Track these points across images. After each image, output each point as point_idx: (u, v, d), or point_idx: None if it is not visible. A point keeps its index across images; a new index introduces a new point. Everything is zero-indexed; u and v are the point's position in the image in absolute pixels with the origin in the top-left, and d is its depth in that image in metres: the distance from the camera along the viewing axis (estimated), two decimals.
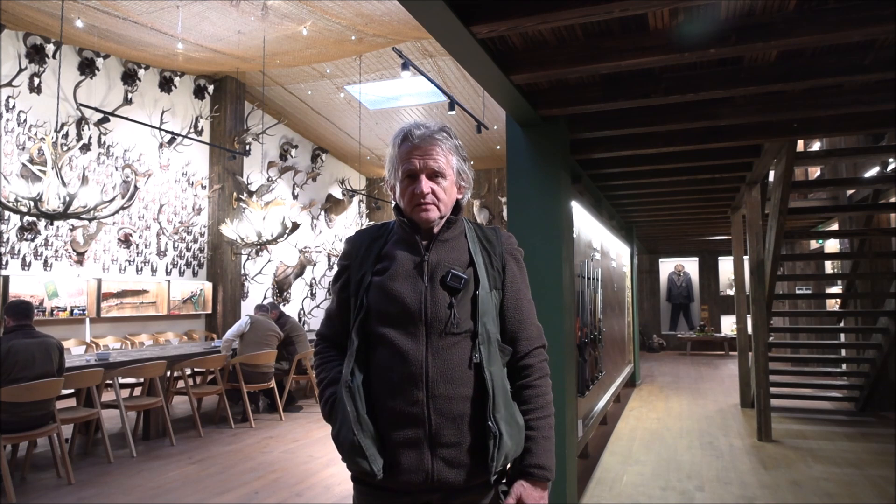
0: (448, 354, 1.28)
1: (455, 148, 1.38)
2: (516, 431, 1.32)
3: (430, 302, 1.30)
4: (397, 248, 1.36)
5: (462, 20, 2.22)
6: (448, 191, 1.36)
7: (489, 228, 1.45)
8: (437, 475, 1.26)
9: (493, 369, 1.31)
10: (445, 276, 1.31)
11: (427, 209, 1.33)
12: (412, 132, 1.35)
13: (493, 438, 1.26)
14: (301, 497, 3.76)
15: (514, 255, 1.44)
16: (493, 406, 1.28)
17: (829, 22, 2.31)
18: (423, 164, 1.33)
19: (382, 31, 7.16)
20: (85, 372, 4.39)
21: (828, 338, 7.90)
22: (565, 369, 3.23)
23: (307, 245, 11.54)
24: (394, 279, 1.32)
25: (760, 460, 4.57)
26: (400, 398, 1.27)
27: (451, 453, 1.27)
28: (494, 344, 1.34)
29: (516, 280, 1.43)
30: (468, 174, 1.42)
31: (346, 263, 1.42)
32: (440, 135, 1.35)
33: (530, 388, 1.38)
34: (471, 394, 1.29)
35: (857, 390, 6.48)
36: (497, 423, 1.27)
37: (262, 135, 10.06)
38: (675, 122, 3.43)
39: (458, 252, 1.37)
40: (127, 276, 8.08)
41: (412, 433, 1.26)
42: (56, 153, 5.24)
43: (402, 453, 1.27)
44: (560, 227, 3.30)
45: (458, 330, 1.29)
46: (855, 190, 7.01)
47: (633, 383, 8.30)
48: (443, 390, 1.27)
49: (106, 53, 7.70)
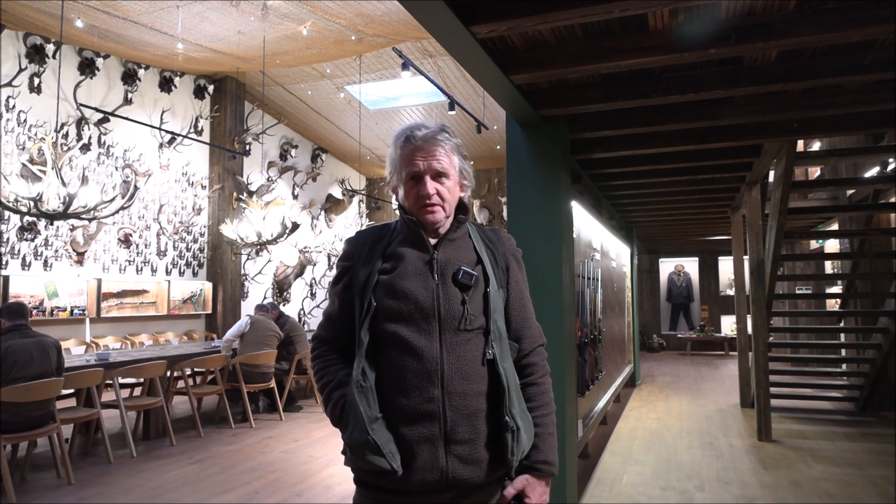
0: (462, 351, 1.29)
1: (456, 147, 1.39)
2: (529, 427, 1.33)
3: (443, 298, 1.30)
4: (404, 247, 1.36)
5: (462, 20, 2.22)
6: (452, 190, 1.38)
7: (490, 229, 1.47)
8: (452, 473, 1.25)
9: (507, 365, 1.33)
10: (457, 274, 1.32)
11: (433, 210, 1.34)
12: (414, 133, 1.35)
13: (511, 433, 1.27)
14: (301, 497, 3.76)
15: (515, 256, 1.46)
16: (509, 401, 1.29)
17: (829, 22, 2.31)
18: (426, 165, 1.34)
19: (382, 31, 7.16)
20: (85, 372, 4.39)
21: (828, 338, 7.90)
22: (565, 369, 3.23)
23: (307, 245, 11.54)
24: (403, 277, 1.31)
25: (760, 460, 4.57)
26: (415, 395, 1.26)
27: (465, 450, 1.26)
28: (505, 340, 1.36)
29: (519, 280, 1.45)
30: (469, 172, 1.43)
31: (348, 264, 1.40)
32: (442, 135, 1.36)
33: (534, 385, 1.40)
34: (485, 390, 1.30)
35: (857, 390, 6.48)
36: (514, 417, 1.28)
37: (262, 135, 10.06)
38: (675, 122, 3.43)
39: (466, 251, 1.38)
40: (127, 276, 8.08)
41: (427, 431, 1.25)
42: (56, 153, 5.24)
43: (417, 452, 1.25)
44: (560, 227, 3.30)
45: (471, 326, 1.30)
46: (855, 190, 7.00)
47: (633, 383, 8.30)
48: (458, 387, 1.27)
49: (106, 53, 7.70)
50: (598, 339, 5.02)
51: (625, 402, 6.97)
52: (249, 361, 5.80)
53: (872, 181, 5.73)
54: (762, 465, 4.43)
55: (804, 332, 7.93)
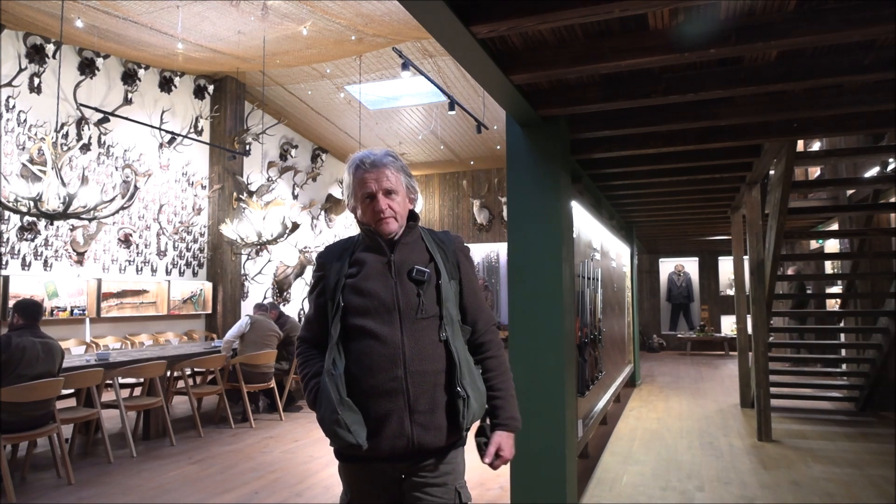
0: (420, 335, 1.52)
1: (401, 168, 1.62)
2: (479, 395, 1.57)
3: (401, 293, 1.54)
4: (365, 253, 1.60)
5: (462, 20, 2.22)
6: (402, 204, 1.61)
7: (440, 232, 1.71)
8: (417, 439, 1.49)
9: (458, 345, 1.57)
10: (411, 272, 1.55)
11: (388, 222, 1.57)
12: (363, 161, 1.58)
13: (462, 401, 1.51)
14: (301, 497, 3.77)
15: (463, 252, 1.69)
16: (460, 374, 1.53)
17: (829, 22, 2.31)
18: (378, 185, 1.57)
19: (382, 31, 7.16)
20: (85, 372, 4.39)
21: (828, 338, 7.91)
22: (565, 369, 3.23)
23: (307, 245, 11.54)
24: (367, 278, 1.55)
25: (760, 460, 4.57)
26: (381, 376, 1.49)
27: (426, 419, 1.50)
28: (456, 324, 1.60)
29: (469, 272, 1.68)
30: (415, 187, 1.69)
31: (322, 274, 1.64)
32: (387, 159, 1.59)
33: (492, 358, 1.67)
34: (442, 367, 1.53)
35: (857, 390, 6.47)
36: (464, 388, 1.52)
37: (262, 135, 10.05)
38: (675, 122, 3.43)
39: (419, 252, 1.62)
40: (127, 276, 8.08)
41: (394, 405, 1.48)
42: (56, 153, 5.24)
43: (386, 423, 1.48)
44: (560, 227, 3.30)
45: (426, 315, 1.54)
46: (855, 190, 7.00)
47: (633, 383, 8.30)
48: (419, 366, 1.50)
49: (106, 53, 7.70)
50: (598, 339, 5.02)
51: (625, 402, 6.97)
52: (249, 361, 5.80)
53: (872, 181, 5.73)
54: (762, 465, 4.43)
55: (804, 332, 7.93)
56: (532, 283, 3.29)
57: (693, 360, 11.72)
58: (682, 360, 11.73)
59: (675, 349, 13.32)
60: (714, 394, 7.59)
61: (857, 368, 6.47)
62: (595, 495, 3.79)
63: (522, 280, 3.31)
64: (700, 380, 8.90)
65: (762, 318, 5.28)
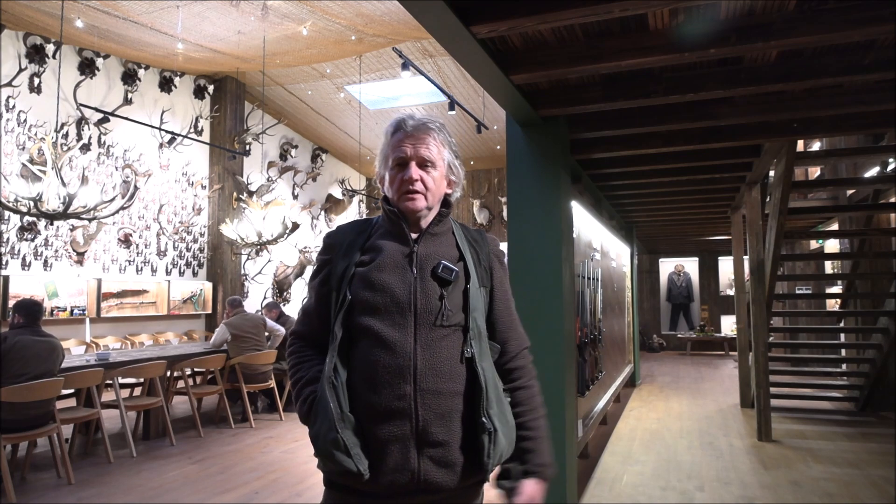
0: (438, 347, 1.23)
1: (448, 142, 1.36)
2: (509, 430, 1.28)
3: (421, 292, 1.25)
4: (384, 240, 1.31)
5: (462, 20, 2.22)
6: (437, 182, 1.33)
7: (474, 230, 1.43)
8: (424, 475, 1.20)
9: (485, 364, 1.27)
10: (436, 268, 1.27)
11: (414, 197, 1.29)
12: (406, 121, 1.33)
13: (488, 435, 1.21)
14: (301, 497, 3.76)
15: (499, 258, 1.41)
16: (487, 402, 1.23)
17: (829, 22, 2.31)
18: (413, 151, 1.30)
19: (382, 31, 7.16)
20: (85, 372, 4.39)
21: (828, 338, 7.90)
22: (565, 369, 3.23)
23: (307, 245, 11.54)
24: (381, 269, 1.26)
25: (760, 460, 4.57)
26: (385, 392, 1.20)
27: (439, 452, 1.21)
28: (485, 340, 1.31)
29: (503, 282, 1.40)
30: (459, 171, 1.39)
31: (328, 258, 1.36)
32: (434, 124, 1.33)
33: (524, 389, 1.37)
34: (461, 390, 1.24)
35: (857, 390, 6.48)
36: (491, 419, 1.22)
37: (262, 135, 10.05)
38: (675, 122, 3.43)
39: (448, 246, 1.33)
40: (127, 276, 8.08)
41: (397, 430, 1.20)
42: (56, 153, 5.24)
43: (387, 452, 1.20)
44: (560, 227, 3.30)
45: (448, 322, 1.25)
46: (855, 190, 7.00)
47: (633, 383, 8.30)
48: (432, 384, 1.21)
49: (106, 53, 7.70)
50: (598, 339, 5.02)
51: (625, 402, 6.96)
52: (249, 362, 5.80)
53: (872, 181, 5.73)
54: (762, 465, 4.43)
55: (804, 332, 7.93)
56: (532, 282, 3.29)
57: (693, 360, 11.72)
58: (682, 360, 11.73)
59: (675, 349, 13.32)
60: (714, 394, 7.59)
61: (857, 368, 6.47)
62: (595, 495, 3.79)
63: (522, 280, 3.31)
64: (700, 380, 8.90)
65: (762, 318, 5.28)
